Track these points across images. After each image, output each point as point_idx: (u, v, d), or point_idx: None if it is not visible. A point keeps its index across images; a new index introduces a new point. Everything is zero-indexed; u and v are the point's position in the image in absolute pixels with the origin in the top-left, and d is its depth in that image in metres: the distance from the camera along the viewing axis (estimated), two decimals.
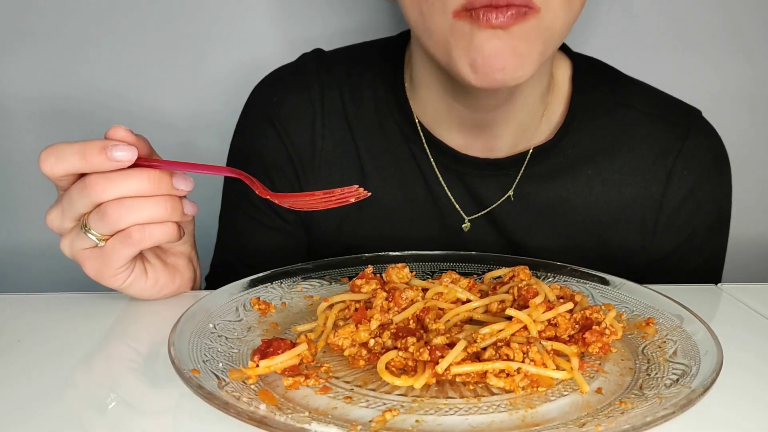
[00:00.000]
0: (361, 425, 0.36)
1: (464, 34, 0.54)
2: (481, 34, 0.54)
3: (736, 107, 1.00)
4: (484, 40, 0.54)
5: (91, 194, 0.49)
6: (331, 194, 0.51)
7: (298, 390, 0.40)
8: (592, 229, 0.71)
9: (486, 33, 0.53)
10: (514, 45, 0.54)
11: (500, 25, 0.53)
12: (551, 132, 0.70)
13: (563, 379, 0.41)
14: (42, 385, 0.42)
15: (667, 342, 0.46)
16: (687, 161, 0.70)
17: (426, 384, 0.40)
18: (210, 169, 0.52)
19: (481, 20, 0.53)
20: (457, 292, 0.50)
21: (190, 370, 0.39)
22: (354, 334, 0.45)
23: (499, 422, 0.37)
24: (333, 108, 0.72)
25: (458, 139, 0.70)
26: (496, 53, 0.54)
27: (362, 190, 0.51)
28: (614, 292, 0.55)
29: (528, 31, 0.54)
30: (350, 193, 0.51)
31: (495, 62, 0.54)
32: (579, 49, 0.74)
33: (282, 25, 0.96)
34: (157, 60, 0.96)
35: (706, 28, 0.97)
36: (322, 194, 0.51)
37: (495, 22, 0.52)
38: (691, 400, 0.37)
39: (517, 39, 0.54)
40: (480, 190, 0.70)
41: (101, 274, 0.52)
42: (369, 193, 0.52)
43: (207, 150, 0.99)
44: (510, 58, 0.54)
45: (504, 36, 0.53)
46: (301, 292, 0.56)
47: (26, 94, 0.97)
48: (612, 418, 0.37)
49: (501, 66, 0.54)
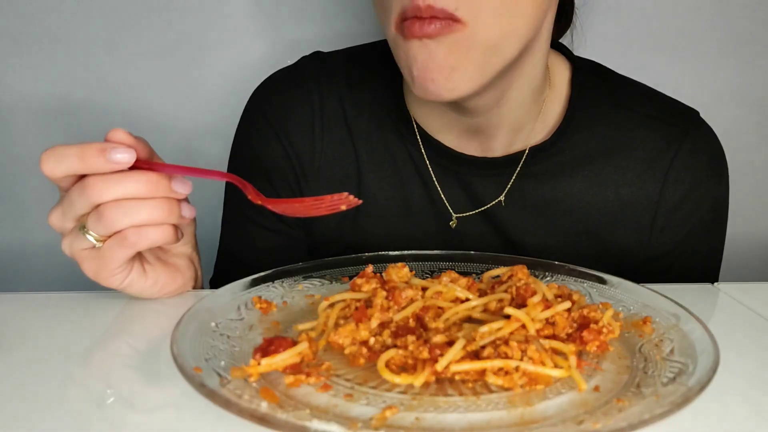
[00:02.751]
0: (362, 423, 0.36)
1: (401, 46, 0.56)
2: (411, 46, 0.55)
3: (733, 108, 1.00)
4: (416, 50, 0.55)
5: (89, 195, 0.49)
6: (321, 201, 0.51)
7: (299, 388, 0.40)
8: (589, 228, 0.71)
9: (414, 44, 0.54)
10: (442, 56, 0.54)
11: (424, 34, 0.53)
12: (549, 132, 0.70)
13: (561, 377, 0.41)
14: (42, 383, 0.42)
15: (664, 340, 0.46)
16: (684, 162, 0.70)
17: (425, 382, 0.41)
18: (205, 173, 0.52)
19: (406, 32, 0.54)
20: (456, 291, 0.50)
21: (193, 368, 0.39)
22: (354, 333, 0.45)
23: (498, 420, 0.37)
24: (332, 110, 0.73)
25: (454, 140, 0.70)
26: (425, 64, 0.55)
27: (353, 198, 0.52)
28: (611, 291, 0.55)
29: (455, 43, 0.54)
30: (340, 201, 0.51)
31: (425, 73, 0.55)
32: (576, 52, 0.75)
33: (284, 27, 0.96)
34: (158, 62, 0.96)
35: (702, 30, 0.97)
36: (312, 201, 0.52)
37: (418, 32, 0.53)
38: (687, 398, 0.37)
39: (445, 51, 0.54)
40: (476, 189, 0.71)
41: (99, 274, 0.53)
42: (360, 201, 0.52)
43: (207, 153, 0.99)
44: (438, 71, 0.54)
45: (432, 46, 0.54)
46: (302, 291, 0.56)
47: (27, 95, 0.97)
48: (609, 415, 0.37)
49: (431, 77, 0.55)
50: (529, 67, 0.64)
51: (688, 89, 0.82)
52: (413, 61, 0.55)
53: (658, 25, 0.97)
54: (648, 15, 0.97)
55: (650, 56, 0.98)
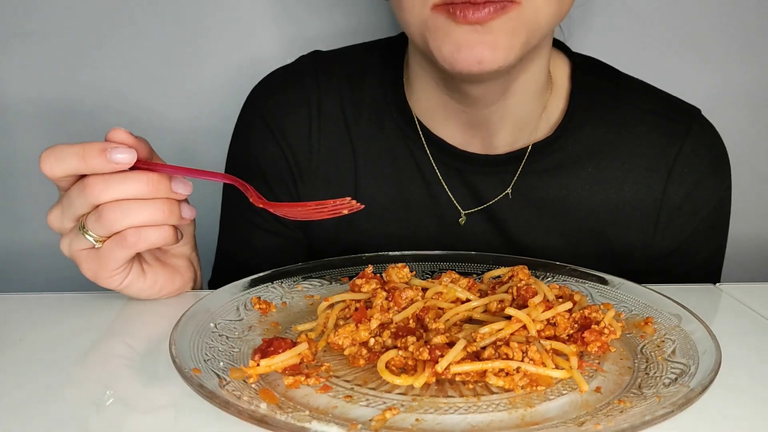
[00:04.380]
0: (362, 424, 0.36)
1: (440, 27, 0.55)
2: (458, 29, 0.54)
3: (735, 106, 1.00)
4: (461, 34, 0.54)
5: (89, 195, 0.49)
6: (324, 205, 0.51)
7: (298, 389, 0.40)
8: (592, 226, 0.71)
9: (463, 28, 0.54)
10: (492, 39, 0.54)
11: (477, 20, 0.53)
12: (551, 130, 0.70)
13: (562, 378, 0.41)
14: (41, 383, 0.42)
15: (665, 341, 0.46)
16: (687, 160, 0.70)
17: (426, 383, 0.41)
18: (206, 175, 0.52)
19: (458, 16, 0.53)
20: (456, 291, 0.50)
21: (192, 369, 0.39)
22: (354, 334, 0.45)
23: (499, 421, 0.37)
24: (330, 109, 0.73)
25: (457, 136, 0.70)
26: (472, 46, 0.54)
27: (355, 203, 0.52)
28: (613, 292, 0.55)
29: (507, 23, 0.54)
30: (342, 205, 0.51)
31: (471, 55, 0.54)
32: (577, 50, 0.74)
33: (283, 26, 0.96)
34: (157, 61, 0.96)
35: (704, 27, 0.97)
36: (314, 205, 0.52)
37: (472, 18, 0.53)
38: (689, 399, 0.37)
39: (496, 33, 0.54)
40: (479, 187, 0.70)
41: (98, 275, 0.53)
42: (362, 206, 0.52)
43: (206, 152, 0.99)
44: (487, 52, 0.54)
45: (482, 30, 0.54)
46: (301, 291, 0.56)
47: (27, 95, 0.97)
48: (611, 417, 0.37)
49: (478, 59, 0.55)
50: (536, 58, 0.64)
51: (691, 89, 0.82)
52: (454, 43, 0.54)
53: (662, 25, 0.97)
54: (652, 14, 0.96)
55: (654, 56, 0.97)
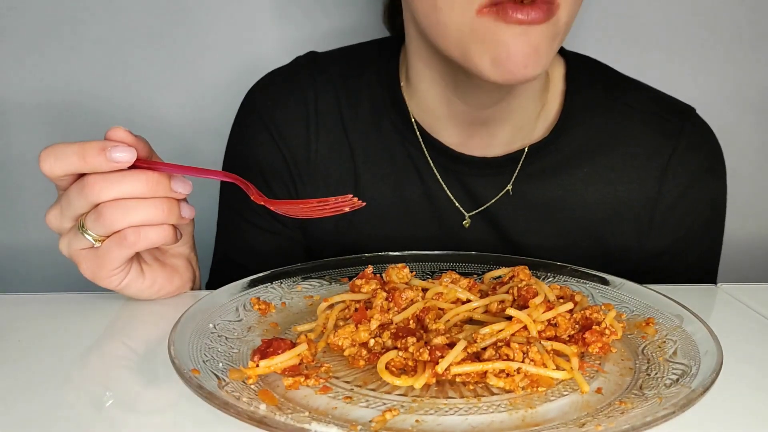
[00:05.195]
0: (361, 425, 0.36)
1: (487, 30, 0.54)
2: (507, 31, 0.53)
3: (730, 106, 1.00)
4: (510, 37, 0.53)
5: (88, 194, 0.49)
6: (326, 203, 0.51)
7: (298, 390, 0.40)
8: (588, 226, 0.71)
9: (513, 30, 0.53)
10: (537, 43, 0.54)
11: (529, 21, 0.52)
12: (547, 130, 0.70)
13: (563, 379, 0.41)
14: (40, 385, 0.42)
15: (666, 342, 0.46)
16: (682, 158, 0.70)
17: (426, 384, 0.40)
18: (208, 173, 0.52)
19: (509, 17, 0.52)
20: (457, 292, 0.50)
21: (190, 370, 0.39)
22: (354, 334, 0.45)
23: (499, 422, 0.37)
24: (327, 110, 0.73)
25: (455, 138, 0.70)
26: (521, 51, 0.53)
27: (356, 200, 0.51)
28: (614, 292, 0.55)
29: (549, 29, 0.54)
30: (344, 202, 0.51)
31: (520, 60, 0.54)
32: (575, 49, 0.74)
33: (283, 27, 0.96)
34: (157, 61, 0.96)
35: (699, 26, 0.97)
36: (316, 202, 0.51)
37: (522, 18, 0.52)
38: (691, 400, 0.37)
39: (540, 37, 0.54)
40: (477, 189, 0.70)
41: (97, 274, 0.52)
42: (363, 203, 0.52)
43: (206, 152, 0.99)
44: (533, 56, 0.54)
45: (531, 33, 0.53)
46: (301, 292, 0.56)
47: (26, 94, 0.97)
48: (612, 418, 0.37)
49: (525, 63, 0.54)
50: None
51: (686, 88, 0.82)
52: (503, 46, 0.53)
53: (656, 24, 0.97)
54: (646, 14, 0.96)
55: (648, 55, 0.97)
